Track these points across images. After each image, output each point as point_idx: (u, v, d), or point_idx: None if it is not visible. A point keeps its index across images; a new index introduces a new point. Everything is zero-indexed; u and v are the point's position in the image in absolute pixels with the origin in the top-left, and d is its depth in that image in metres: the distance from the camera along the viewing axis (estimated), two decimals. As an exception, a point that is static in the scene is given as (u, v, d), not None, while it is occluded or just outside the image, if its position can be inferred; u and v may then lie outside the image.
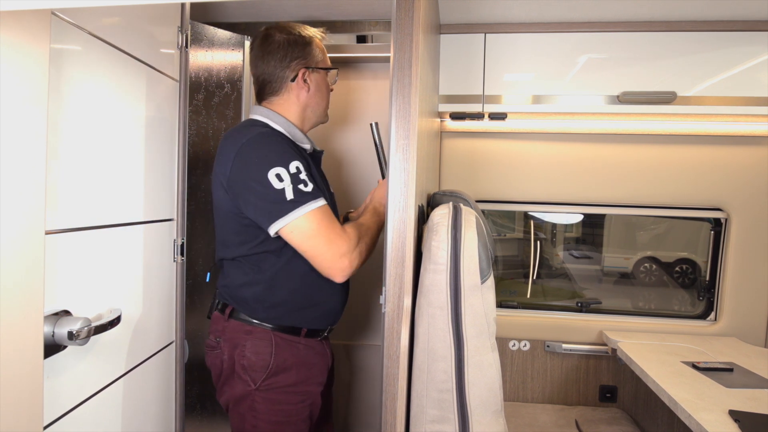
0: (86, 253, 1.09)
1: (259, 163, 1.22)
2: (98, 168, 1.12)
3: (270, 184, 1.20)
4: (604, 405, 2.03)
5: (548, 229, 2.97)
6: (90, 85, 1.08)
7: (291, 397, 1.33)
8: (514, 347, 2.06)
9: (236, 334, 1.32)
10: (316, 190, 1.24)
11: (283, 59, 1.39)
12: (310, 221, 1.22)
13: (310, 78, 1.41)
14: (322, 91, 1.45)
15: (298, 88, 1.40)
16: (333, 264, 1.24)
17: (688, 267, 3.23)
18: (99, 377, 1.15)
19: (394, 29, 1.03)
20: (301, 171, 1.23)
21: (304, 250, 1.24)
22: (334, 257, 1.23)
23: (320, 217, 1.23)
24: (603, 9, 1.65)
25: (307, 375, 1.35)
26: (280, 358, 1.31)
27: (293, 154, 1.26)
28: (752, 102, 1.69)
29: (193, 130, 1.64)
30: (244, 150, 1.24)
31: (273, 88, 1.40)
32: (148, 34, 1.32)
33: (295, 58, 1.39)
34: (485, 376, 1.10)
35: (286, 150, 1.25)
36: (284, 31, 1.40)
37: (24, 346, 0.86)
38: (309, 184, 1.23)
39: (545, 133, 2.00)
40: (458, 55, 1.81)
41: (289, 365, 1.33)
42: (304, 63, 1.40)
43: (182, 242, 1.49)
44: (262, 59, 1.40)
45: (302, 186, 1.22)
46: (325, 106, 1.48)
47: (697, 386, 1.43)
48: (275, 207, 1.21)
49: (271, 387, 1.31)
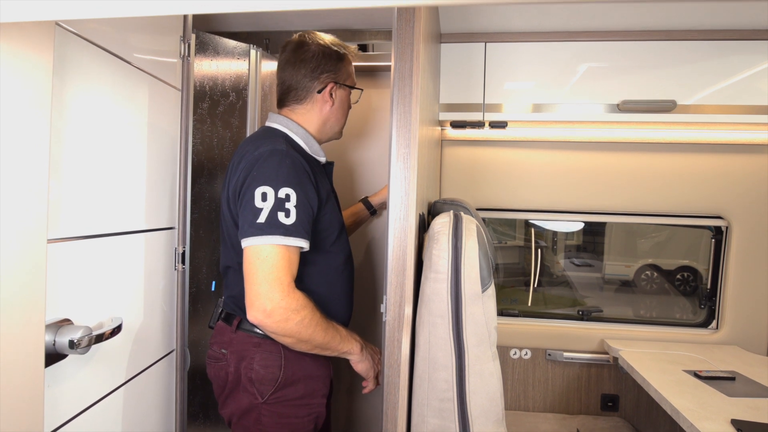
0: (87, 261, 1.09)
1: (257, 177, 1.18)
2: (100, 176, 1.12)
3: (254, 198, 1.16)
4: (606, 414, 2.02)
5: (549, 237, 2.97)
6: (92, 93, 1.08)
7: (298, 411, 1.31)
8: (515, 356, 2.06)
9: (244, 346, 1.30)
10: (298, 228, 1.17)
11: (314, 70, 1.38)
12: (270, 255, 1.14)
13: (336, 93, 1.42)
14: (344, 109, 1.47)
15: (323, 101, 1.41)
16: (257, 304, 1.13)
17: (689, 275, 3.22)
18: (100, 386, 1.15)
19: (395, 39, 1.04)
20: (290, 199, 1.16)
21: (246, 273, 1.17)
22: (269, 303, 1.13)
23: (280, 256, 1.15)
24: (602, 18, 1.67)
25: (313, 388, 1.34)
26: (289, 372, 1.29)
27: (292, 180, 1.19)
28: (752, 110, 1.69)
29: (198, 138, 1.65)
30: (252, 163, 1.21)
31: (298, 95, 1.40)
32: (151, 44, 1.33)
33: (326, 71, 1.39)
34: (486, 385, 1.10)
35: (287, 173, 1.19)
36: (319, 41, 1.40)
37: (25, 355, 0.86)
38: (292, 217, 1.16)
39: (545, 142, 2.01)
40: (459, 64, 1.82)
41: (297, 378, 1.31)
42: (333, 77, 1.41)
43: (183, 250, 1.49)
44: (293, 66, 1.39)
45: (282, 215, 1.15)
46: (344, 123, 1.50)
47: (699, 395, 1.42)
48: (246, 223, 1.17)
49: (278, 400, 1.29)
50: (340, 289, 1.40)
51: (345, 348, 1.29)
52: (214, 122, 1.74)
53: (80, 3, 0.61)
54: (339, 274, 1.39)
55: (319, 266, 1.33)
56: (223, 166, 1.74)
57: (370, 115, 2.14)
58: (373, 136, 2.16)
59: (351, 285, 1.46)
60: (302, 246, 1.19)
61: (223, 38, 1.76)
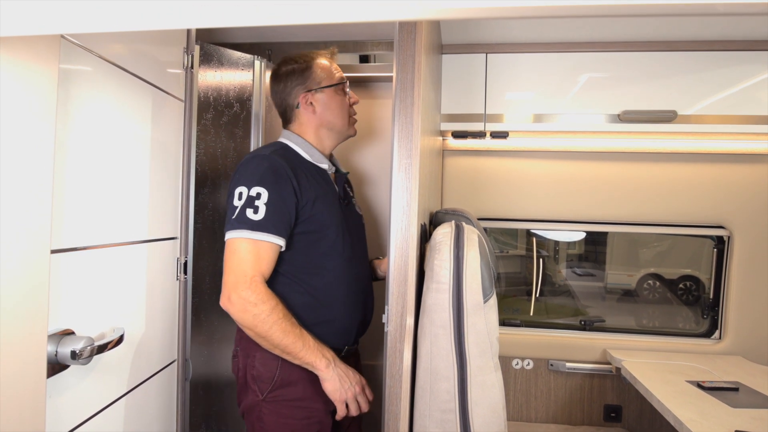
0: (90, 271, 1.09)
1: (237, 179, 1.29)
2: (103, 187, 1.13)
3: (232, 197, 1.27)
4: (609, 425, 2.01)
5: (551, 247, 2.96)
6: (96, 105, 1.09)
7: (296, 412, 1.34)
8: (518, 366, 2.05)
9: (249, 344, 1.34)
10: (266, 225, 1.24)
11: (284, 89, 1.47)
12: (236, 248, 1.23)
13: (313, 99, 1.45)
14: (333, 108, 1.47)
15: (305, 112, 1.46)
16: (230, 299, 1.22)
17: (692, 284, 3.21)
18: (101, 396, 1.15)
19: (396, 50, 1.05)
20: (261, 198, 1.24)
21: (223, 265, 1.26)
22: (233, 293, 1.21)
23: (246, 249, 1.23)
24: (602, 29, 1.68)
25: (314, 391, 1.34)
26: (286, 371, 1.33)
27: (267, 180, 1.26)
28: (752, 120, 1.70)
29: (201, 148, 1.66)
30: (237, 168, 1.33)
31: (287, 116, 1.50)
32: (155, 56, 1.34)
33: (294, 86, 1.45)
34: (488, 395, 1.09)
35: (262, 174, 1.27)
36: (288, 62, 1.48)
37: (27, 366, 0.86)
38: (260, 213, 1.23)
39: (547, 152, 2.01)
40: (460, 75, 1.83)
41: (295, 379, 1.33)
42: (303, 88, 1.45)
43: (185, 261, 1.50)
44: (272, 93, 1.51)
45: (251, 211, 1.23)
46: (342, 121, 1.49)
47: (702, 406, 1.42)
48: (227, 219, 1.27)
49: (276, 399, 1.33)
50: (338, 293, 1.39)
51: (308, 359, 1.27)
52: (218, 132, 1.75)
53: (85, 18, 0.62)
54: (337, 277, 1.39)
55: (312, 267, 1.36)
56: (226, 176, 1.75)
57: (371, 125, 2.15)
58: (374, 146, 2.17)
59: (356, 290, 1.45)
60: (273, 242, 1.25)
61: (228, 49, 1.78)
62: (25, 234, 0.84)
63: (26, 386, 0.85)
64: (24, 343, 0.84)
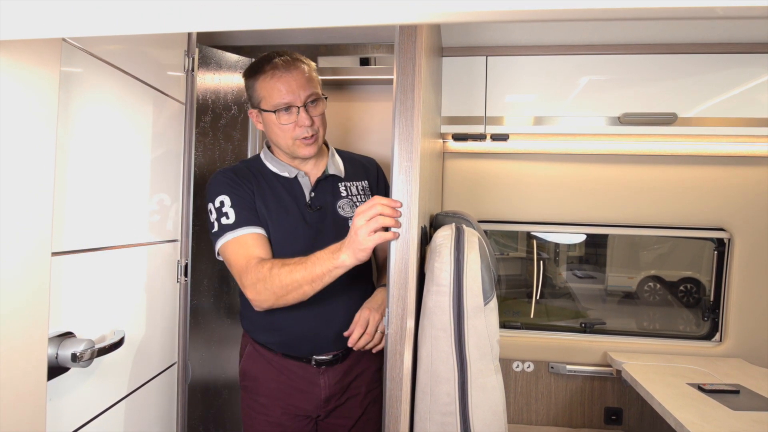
0: (91, 274, 1.09)
1: (206, 197, 1.38)
2: (104, 189, 1.13)
3: (208, 215, 1.36)
4: (610, 427, 2.00)
5: (551, 249, 2.97)
6: (97, 107, 1.09)
7: (255, 406, 1.43)
8: (518, 368, 2.05)
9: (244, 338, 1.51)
10: (240, 222, 1.32)
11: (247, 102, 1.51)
12: (227, 252, 1.32)
13: (260, 117, 1.40)
14: (273, 131, 1.37)
15: (260, 127, 1.43)
16: (246, 293, 1.27)
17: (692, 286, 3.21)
18: (101, 399, 1.15)
19: (397, 53, 1.05)
20: (224, 205, 1.33)
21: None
22: (244, 287, 1.27)
23: (233, 248, 1.31)
24: (603, 32, 1.68)
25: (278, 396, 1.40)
26: (247, 366, 1.45)
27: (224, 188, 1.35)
28: (752, 123, 1.70)
29: (200, 151, 1.66)
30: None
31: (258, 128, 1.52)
32: (155, 58, 1.34)
33: (248, 98, 1.43)
34: (489, 398, 1.09)
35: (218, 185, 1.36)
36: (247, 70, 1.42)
37: (28, 368, 0.86)
38: (231, 217, 1.32)
39: (547, 154, 2.01)
40: (460, 78, 1.83)
41: (254, 376, 1.43)
42: (250, 104, 1.43)
43: (186, 263, 1.50)
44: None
45: (224, 219, 1.32)
46: (285, 143, 1.37)
47: (703, 409, 1.41)
48: (211, 236, 1.35)
49: (245, 390, 1.46)
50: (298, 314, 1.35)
51: (326, 267, 1.15)
52: (216, 135, 1.75)
53: (87, 21, 0.62)
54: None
55: None
56: (225, 179, 1.75)
57: (372, 128, 2.15)
58: (375, 149, 2.17)
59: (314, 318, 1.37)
60: (250, 233, 1.32)
61: (226, 52, 1.78)
62: (26, 236, 0.84)
63: (27, 389, 0.85)
64: (24, 346, 0.84)
